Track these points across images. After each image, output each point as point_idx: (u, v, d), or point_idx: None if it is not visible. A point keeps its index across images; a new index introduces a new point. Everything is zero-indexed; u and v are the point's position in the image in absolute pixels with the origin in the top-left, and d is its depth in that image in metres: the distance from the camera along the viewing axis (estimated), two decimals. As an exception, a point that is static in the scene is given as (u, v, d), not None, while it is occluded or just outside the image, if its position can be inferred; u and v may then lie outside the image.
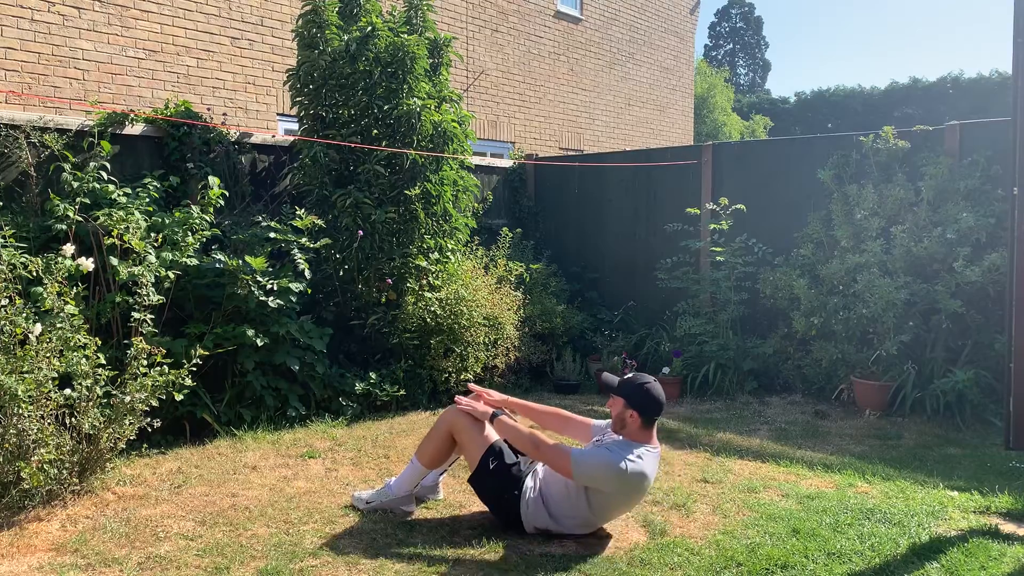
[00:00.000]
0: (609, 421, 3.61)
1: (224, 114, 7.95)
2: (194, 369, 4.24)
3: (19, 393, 3.51)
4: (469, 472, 3.64)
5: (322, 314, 5.93)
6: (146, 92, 7.82)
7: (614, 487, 3.34)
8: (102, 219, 4.66)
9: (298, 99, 6.05)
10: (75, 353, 3.82)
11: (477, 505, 3.77)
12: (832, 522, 3.58)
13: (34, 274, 3.97)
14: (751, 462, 4.65)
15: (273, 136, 6.53)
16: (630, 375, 3.48)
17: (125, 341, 4.42)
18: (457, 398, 3.73)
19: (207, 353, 4.56)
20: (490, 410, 3.63)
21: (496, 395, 3.86)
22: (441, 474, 3.93)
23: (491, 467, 3.54)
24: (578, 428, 3.81)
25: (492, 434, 3.65)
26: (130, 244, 4.60)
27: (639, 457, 3.34)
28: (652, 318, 7.48)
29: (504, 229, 7.30)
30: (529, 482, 3.52)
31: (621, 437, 3.44)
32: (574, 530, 3.47)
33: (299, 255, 5.50)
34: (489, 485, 3.57)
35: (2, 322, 3.62)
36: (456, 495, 3.99)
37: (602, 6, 13.75)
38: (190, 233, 4.99)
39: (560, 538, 3.45)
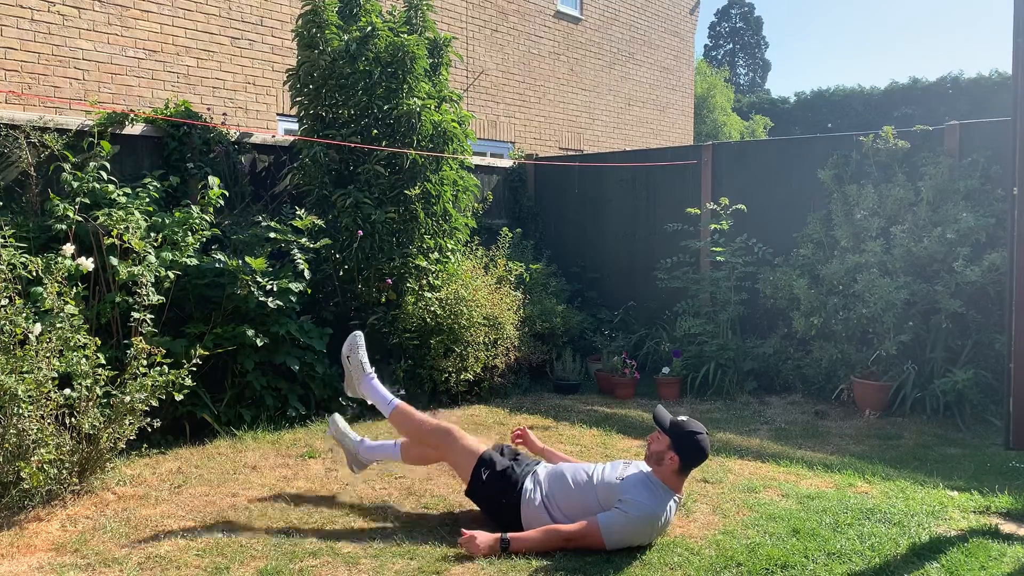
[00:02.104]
0: (624, 461, 3.58)
1: (224, 114, 7.95)
2: (194, 369, 4.24)
3: (19, 393, 3.51)
4: (464, 487, 3.66)
5: (322, 314, 5.93)
6: (146, 92, 7.82)
7: (646, 533, 3.31)
8: (102, 219, 4.66)
9: (298, 99, 6.06)
10: (75, 353, 3.82)
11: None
12: (832, 522, 3.58)
13: (34, 274, 3.98)
14: (751, 462, 4.65)
15: (273, 136, 6.53)
16: (683, 419, 3.42)
17: (125, 341, 4.42)
18: (461, 541, 3.29)
19: (207, 353, 4.56)
20: (497, 540, 3.24)
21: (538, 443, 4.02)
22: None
23: (484, 478, 3.55)
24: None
25: (479, 445, 3.66)
26: (130, 244, 4.60)
27: (670, 509, 3.34)
28: (652, 318, 7.48)
29: (504, 229, 7.30)
30: (528, 484, 3.51)
31: (650, 469, 3.41)
32: None
33: (299, 255, 5.50)
34: (486, 495, 3.56)
35: (2, 322, 3.62)
36: (456, 495, 3.98)
37: (602, 6, 13.75)
38: (190, 233, 4.99)
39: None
